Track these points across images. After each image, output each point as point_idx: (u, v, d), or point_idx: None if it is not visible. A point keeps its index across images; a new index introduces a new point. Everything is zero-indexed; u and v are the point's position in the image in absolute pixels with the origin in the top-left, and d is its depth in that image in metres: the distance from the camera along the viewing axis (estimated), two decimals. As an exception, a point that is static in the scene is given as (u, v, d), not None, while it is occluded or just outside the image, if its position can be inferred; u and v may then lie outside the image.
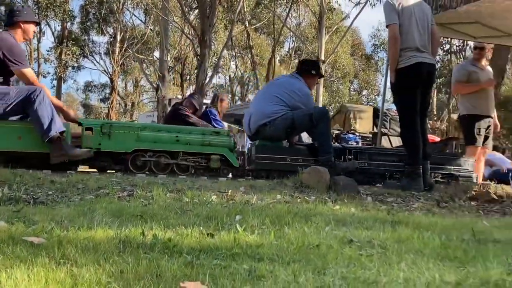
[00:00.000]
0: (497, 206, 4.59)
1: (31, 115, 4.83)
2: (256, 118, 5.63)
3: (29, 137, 4.89)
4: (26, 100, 4.80)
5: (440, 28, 6.92)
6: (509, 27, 7.19)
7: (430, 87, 5.29)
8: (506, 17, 6.95)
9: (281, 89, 5.64)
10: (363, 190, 4.64)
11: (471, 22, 6.91)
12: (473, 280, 1.85)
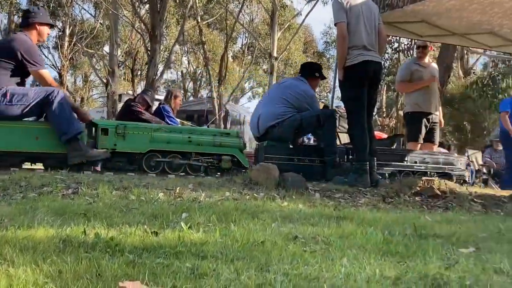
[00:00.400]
0: (440, 201, 4.70)
1: (49, 116, 4.86)
2: (264, 119, 5.80)
3: (46, 138, 4.92)
4: (44, 101, 4.83)
5: (387, 27, 7.05)
6: (454, 26, 7.39)
7: (377, 85, 5.39)
8: (451, 16, 7.14)
9: (288, 92, 5.83)
10: (312, 186, 4.69)
11: (417, 21, 7.06)
12: (412, 274, 1.90)
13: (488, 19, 7.29)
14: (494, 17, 7.27)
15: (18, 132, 4.89)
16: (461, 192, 5.01)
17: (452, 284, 1.80)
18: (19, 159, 4.98)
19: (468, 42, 7.99)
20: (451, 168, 6.65)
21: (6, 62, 4.89)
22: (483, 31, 7.60)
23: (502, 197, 5.04)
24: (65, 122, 4.85)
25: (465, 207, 4.55)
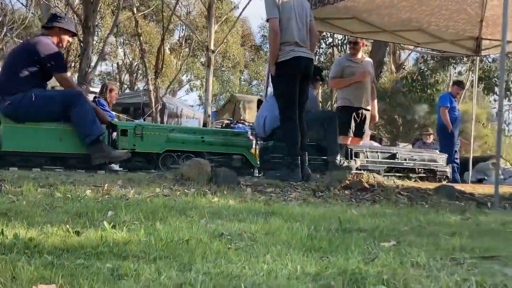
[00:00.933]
0: (368, 195, 4.82)
1: (73, 118, 5.02)
2: (271, 121, 6.00)
3: (69, 139, 5.09)
4: (68, 103, 5.01)
5: (319, 23, 7.17)
6: (384, 23, 7.60)
7: (308, 81, 5.45)
8: (381, 13, 7.35)
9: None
10: (244, 181, 4.72)
11: (349, 17, 7.22)
12: (332, 270, 1.93)
13: (416, 16, 7.55)
14: (422, 15, 7.54)
15: (43, 133, 5.04)
16: (388, 185, 5.16)
17: (369, 279, 1.84)
18: (44, 159, 5.09)
19: (398, 38, 8.23)
20: (436, 165, 7.17)
21: (30, 65, 5.02)
22: (412, 28, 7.86)
23: (428, 190, 5.21)
24: (89, 124, 5.00)
25: (392, 200, 4.69)
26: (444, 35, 8.23)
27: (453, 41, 8.41)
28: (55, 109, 5.04)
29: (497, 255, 2.40)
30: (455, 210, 4.29)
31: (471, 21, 7.86)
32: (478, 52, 8.65)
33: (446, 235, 2.85)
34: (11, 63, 5.23)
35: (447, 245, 2.56)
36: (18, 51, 5.43)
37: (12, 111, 4.95)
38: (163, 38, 25.71)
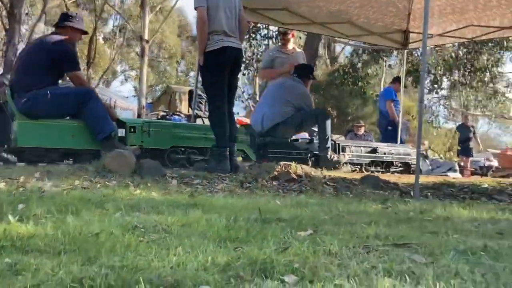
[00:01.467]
0: (296, 185, 4.86)
1: (86, 115, 5.19)
2: (270, 118, 6.53)
3: (82, 135, 5.26)
4: (81, 101, 5.17)
5: (250, 13, 7.16)
6: (314, 15, 7.67)
7: (237, 71, 5.43)
8: (311, 5, 7.42)
9: (289, 93, 6.58)
10: (170, 173, 4.65)
11: (280, 8, 7.23)
12: (243, 260, 1.91)
13: (346, 9, 7.66)
14: (352, 7, 7.65)
15: (56, 129, 5.20)
16: (315, 176, 5.21)
17: (279, 267, 1.84)
18: (57, 155, 5.27)
19: (328, 31, 8.33)
20: (410, 158, 7.85)
21: (44, 63, 5.17)
22: (341, 21, 7.97)
23: (354, 180, 5.30)
24: (101, 121, 5.18)
25: (318, 190, 4.74)
26: (373, 28, 8.39)
27: (382, 34, 8.59)
28: (68, 106, 5.23)
29: (409, 242, 2.45)
30: (377, 199, 4.38)
31: (399, 14, 8.05)
32: (406, 45, 8.88)
33: (364, 223, 2.89)
34: (25, 61, 5.33)
35: (362, 233, 2.59)
36: (32, 50, 5.48)
37: (27, 108, 5.09)
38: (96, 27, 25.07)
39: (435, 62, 15.67)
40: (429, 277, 1.86)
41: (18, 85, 5.22)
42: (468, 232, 2.92)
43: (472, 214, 3.81)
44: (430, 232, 2.83)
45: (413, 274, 1.92)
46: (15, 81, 5.30)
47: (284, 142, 6.66)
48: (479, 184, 6.04)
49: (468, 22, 7.84)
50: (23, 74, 5.24)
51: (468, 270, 2.03)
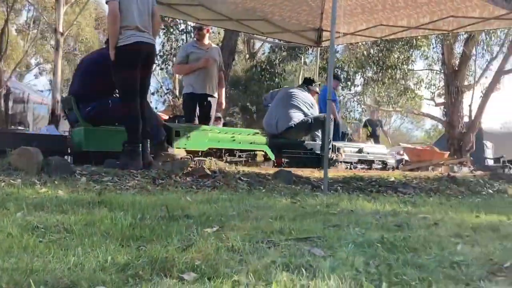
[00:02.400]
0: (209, 181, 4.87)
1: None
2: (283, 122, 7.45)
3: None
4: None
5: (165, 8, 7.09)
6: (229, 11, 7.70)
7: (150, 67, 5.37)
8: (227, 2, 7.44)
9: (299, 101, 7.59)
10: (80, 170, 4.54)
11: (195, 4, 7.19)
12: (144, 259, 1.91)
13: (261, 6, 7.74)
14: (266, 5, 7.74)
15: (115, 135, 5.51)
16: (230, 171, 5.26)
17: (180, 265, 1.85)
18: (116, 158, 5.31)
19: (244, 27, 8.38)
20: (387, 157, 8.97)
21: (102, 75, 5.39)
22: (257, 18, 8.04)
23: (267, 175, 5.38)
24: (155, 128, 5.57)
25: (232, 185, 4.78)
26: (287, 26, 8.53)
27: (297, 31, 8.75)
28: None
29: (312, 236, 2.53)
30: (288, 193, 4.48)
31: (312, 13, 8.22)
32: (319, 43, 9.09)
33: (271, 218, 2.96)
34: (84, 73, 5.75)
35: (267, 228, 2.65)
36: (89, 63, 5.85)
37: (92, 116, 5.58)
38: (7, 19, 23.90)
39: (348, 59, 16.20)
40: (325, 270, 1.94)
41: (82, 95, 5.62)
42: (369, 224, 3.05)
43: (376, 207, 3.98)
44: (333, 225, 2.94)
45: (311, 267, 1.99)
46: (79, 91, 5.67)
47: (296, 143, 7.63)
48: (387, 177, 6.29)
49: (377, 22, 8.14)
50: (84, 86, 5.65)
51: (363, 262, 2.13)
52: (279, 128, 7.48)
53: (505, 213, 4.12)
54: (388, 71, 15.73)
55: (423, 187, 5.97)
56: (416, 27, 7.99)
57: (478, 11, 6.93)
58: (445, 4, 7.05)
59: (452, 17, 7.37)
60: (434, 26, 7.81)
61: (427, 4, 7.18)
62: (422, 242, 2.54)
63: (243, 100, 19.57)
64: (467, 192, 6.17)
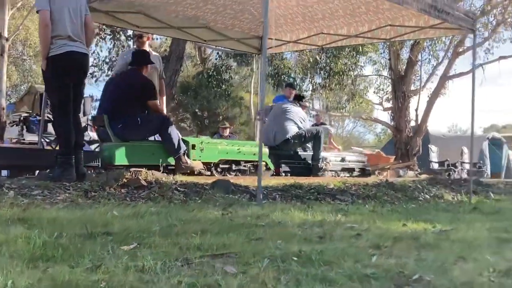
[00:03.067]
0: (145, 192, 4.81)
1: (165, 138, 6.11)
2: (280, 134, 8.18)
3: (159, 153, 6.10)
4: (161, 125, 6.09)
5: (104, 16, 7.00)
6: (170, 19, 7.65)
7: (83, 77, 5.28)
8: (167, 10, 7.40)
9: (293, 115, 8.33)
10: (9, 184, 4.42)
11: (135, 12, 7.11)
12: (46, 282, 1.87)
13: (202, 14, 7.73)
14: (208, 13, 7.74)
15: (141, 149, 6.13)
16: (166, 182, 5.19)
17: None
18: None
19: (185, 35, 8.33)
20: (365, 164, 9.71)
21: (131, 94, 6.00)
22: (199, 25, 8.02)
23: (205, 184, 5.36)
24: (176, 142, 6.07)
25: (167, 196, 4.73)
26: (230, 34, 8.53)
27: (240, 39, 8.76)
28: (152, 130, 6.19)
29: (229, 252, 2.54)
30: (223, 204, 4.46)
31: (255, 21, 8.25)
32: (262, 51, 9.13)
33: (194, 233, 2.94)
34: (114, 93, 6.13)
35: (187, 245, 2.64)
36: (118, 83, 6.27)
37: (122, 132, 5.94)
38: None
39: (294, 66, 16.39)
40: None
41: (112, 113, 5.95)
42: (292, 236, 3.08)
43: (307, 217, 4.02)
44: (256, 238, 2.95)
45: (219, 286, 2.00)
46: (110, 110, 6.00)
47: (291, 154, 8.43)
48: (326, 184, 6.36)
49: (318, 30, 8.25)
50: (114, 104, 6.01)
51: (274, 278, 2.15)
52: (276, 140, 8.20)
53: (432, 220, 4.25)
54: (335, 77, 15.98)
55: (360, 194, 6.07)
56: (356, 36, 8.13)
57: (414, 20, 7.11)
58: (382, 13, 7.21)
59: (390, 26, 7.54)
60: (373, 34, 7.96)
61: (365, 13, 7.32)
62: (338, 254, 2.59)
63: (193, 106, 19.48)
64: (404, 198, 6.32)
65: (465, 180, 7.44)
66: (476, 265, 2.57)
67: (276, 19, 8.28)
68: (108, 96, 6.25)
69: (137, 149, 6.08)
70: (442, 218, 4.50)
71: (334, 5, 7.27)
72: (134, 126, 5.96)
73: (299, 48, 9.71)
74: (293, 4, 7.60)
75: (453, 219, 4.49)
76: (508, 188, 8.27)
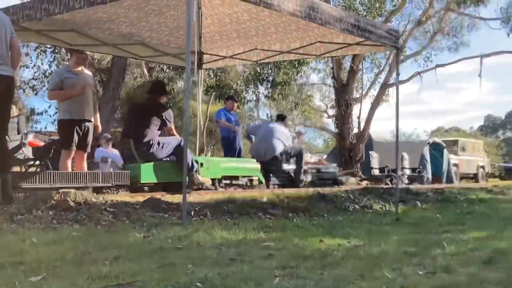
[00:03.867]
0: (73, 214, 4.82)
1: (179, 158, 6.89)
2: (270, 152, 9.51)
3: (173, 172, 6.90)
4: (177, 147, 6.99)
5: (35, 35, 6.97)
6: (105, 37, 7.65)
7: (9, 100, 5.25)
8: (101, 28, 7.40)
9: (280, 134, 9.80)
10: None
11: (67, 30, 7.09)
12: None
13: (137, 31, 7.77)
14: (143, 30, 7.79)
15: (160, 168, 6.91)
16: (96, 202, 5.21)
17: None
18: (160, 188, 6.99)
19: (121, 52, 8.36)
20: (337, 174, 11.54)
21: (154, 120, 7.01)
22: (134, 42, 8.06)
23: (135, 204, 5.40)
24: (190, 162, 6.81)
25: (95, 218, 4.74)
26: (167, 49, 8.60)
27: (177, 55, 8.83)
28: (169, 151, 7.04)
29: (135, 281, 2.63)
30: (148, 225, 4.53)
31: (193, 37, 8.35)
32: (200, 66, 9.25)
33: (107, 260, 3.01)
34: (139, 119, 7.09)
35: (96, 273, 2.71)
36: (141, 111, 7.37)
37: (146, 153, 6.87)
38: None
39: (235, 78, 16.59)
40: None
41: (137, 137, 6.89)
42: (205, 259, 3.19)
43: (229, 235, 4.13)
44: (168, 263, 3.05)
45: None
46: (134, 134, 6.93)
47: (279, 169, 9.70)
48: (260, 197, 6.49)
49: (252, 46, 8.41)
50: (139, 128, 6.91)
51: (172, 307, 2.26)
52: (267, 156, 9.41)
53: (350, 235, 4.43)
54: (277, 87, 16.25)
55: (292, 207, 6.23)
56: (288, 52, 8.34)
57: (342, 37, 7.36)
58: (312, 31, 7.42)
59: (320, 42, 7.78)
60: (305, 50, 8.19)
61: (296, 30, 7.52)
62: (243, 277, 2.71)
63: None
64: (334, 209, 6.52)
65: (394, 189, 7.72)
66: (372, 284, 2.72)
67: (211, 35, 8.41)
68: (133, 123, 7.32)
69: (162, 168, 6.94)
70: (361, 231, 4.67)
71: (266, 23, 7.44)
72: (156, 148, 6.92)
73: (234, 63, 9.87)
74: (227, 22, 7.72)
75: (371, 232, 4.67)
76: (437, 196, 8.60)
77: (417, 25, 18.85)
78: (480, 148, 22.88)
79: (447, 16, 19.53)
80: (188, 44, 4.92)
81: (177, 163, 6.91)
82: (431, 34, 19.52)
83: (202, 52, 9.01)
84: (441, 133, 51.20)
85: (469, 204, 8.01)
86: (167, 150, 7.03)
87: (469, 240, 4.23)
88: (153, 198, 5.65)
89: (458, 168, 19.92)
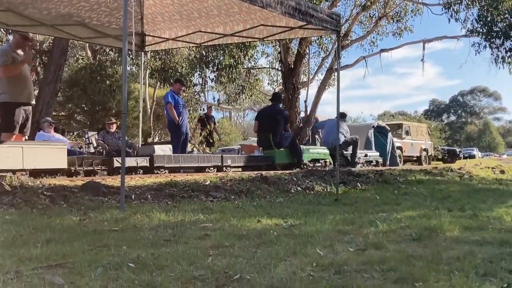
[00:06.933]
0: (8, 198, 4.71)
1: (294, 147, 10.27)
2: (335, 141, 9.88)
3: (291, 156, 10.30)
4: (294, 139, 10.71)
5: (-32, 15, 6.70)
6: (43, 17, 7.45)
7: None
8: (39, 7, 7.19)
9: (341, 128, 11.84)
10: None
11: (3, 10, 6.86)
12: None
13: (76, 11, 7.59)
14: (82, 10, 7.61)
15: (287, 153, 10.16)
16: (33, 186, 5.10)
17: None
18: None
19: (60, 33, 8.15)
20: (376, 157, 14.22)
21: (281, 121, 10.17)
22: (73, 23, 7.87)
23: (74, 187, 5.32)
24: (299, 151, 10.25)
25: (31, 202, 4.65)
26: (107, 31, 8.44)
27: (118, 36, 8.67)
28: (289, 141, 10.08)
29: (66, 262, 2.60)
30: (86, 208, 4.48)
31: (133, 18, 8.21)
32: (143, 48, 9.12)
33: (38, 242, 2.98)
34: (273, 120, 9.92)
35: (26, 255, 2.67)
36: (273, 113, 10.07)
37: (278, 143, 9.90)
38: None
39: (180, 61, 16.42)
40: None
41: (273, 132, 9.88)
42: (140, 241, 3.19)
43: (168, 217, 4.14)
44: (102, 245, 3.03)
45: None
46: (270, 130, 9.91)
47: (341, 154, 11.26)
48: (203, 181, 6.50)
49: (196, 29, 8.36)
50: (275, 126, 9.93)
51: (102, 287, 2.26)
52: (332, 145, 11.27)
53: (288, 215, 4.50)
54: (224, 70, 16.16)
55: (234, 190, 6.27)
56: (232, 34, 8.33)
57: (284, 21, 7.41)
58: (255, 14, 7.44)
59: (263, 25, 7.81)
60: (248, 33, 8.20)
61: (238, 13, 7.51)
62: (175, 257, 2.73)
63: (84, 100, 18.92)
64: (276, 191, 6.60)
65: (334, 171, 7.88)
66: (303, 260, 2.77)
67: (154, 17, 8.30)
68: (268, 122, 10.01)
69: (288, 153, 10.04)
70: (299, 212, 4.75)
71: (209, 5, 7.40)
72: (283, 139, 10.01)
73: (178, 46, 9.78)
74: (169, 2, 7.65)
75: (308, 212, 4.76)
76: (377, 177, 8.82)
77: (363, 10, 19.08)
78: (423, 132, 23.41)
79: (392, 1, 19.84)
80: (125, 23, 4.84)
81: (291, 151, 10.05)
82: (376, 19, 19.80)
83: (144, 33, 8.88)
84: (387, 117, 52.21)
85: (407, 185, 8.26)
86: (287, 141, 10.06)
87: (401, 219, 4.37)
88: (92, 182, 5.57)
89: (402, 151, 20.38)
